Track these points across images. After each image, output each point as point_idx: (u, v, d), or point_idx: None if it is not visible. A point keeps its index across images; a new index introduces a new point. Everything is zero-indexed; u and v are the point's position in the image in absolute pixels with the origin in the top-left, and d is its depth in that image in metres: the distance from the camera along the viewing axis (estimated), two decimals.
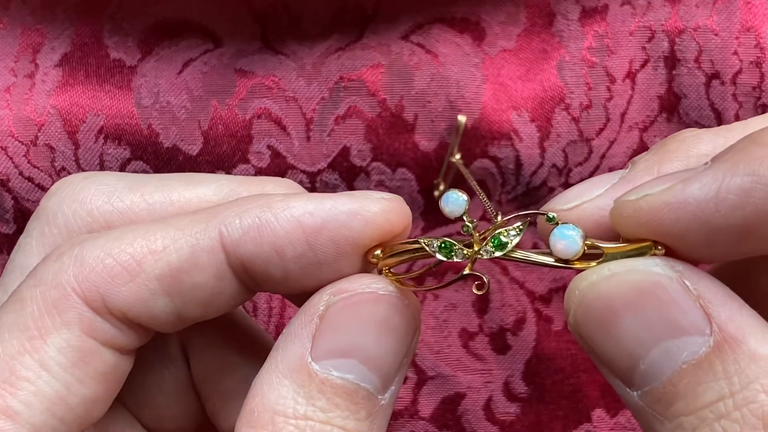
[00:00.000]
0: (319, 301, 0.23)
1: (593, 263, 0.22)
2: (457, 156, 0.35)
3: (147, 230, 0.24)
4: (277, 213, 0.23)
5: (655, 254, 0.22)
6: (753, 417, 0.20)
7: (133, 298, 0.23)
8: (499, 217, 0.24)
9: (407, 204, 0.25)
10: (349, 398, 0.22)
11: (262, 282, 0.24)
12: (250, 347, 0.28)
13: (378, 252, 0.24)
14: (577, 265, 0.23)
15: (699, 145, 0.24)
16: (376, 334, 0.23)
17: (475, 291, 0.24)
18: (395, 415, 0.38)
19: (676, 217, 0.21)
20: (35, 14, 0.37)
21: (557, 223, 0.23)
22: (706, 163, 0.22)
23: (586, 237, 0.23)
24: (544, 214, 0.23)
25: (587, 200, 0.24)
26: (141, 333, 0.24)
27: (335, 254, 0.24)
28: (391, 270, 0.25)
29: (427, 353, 0.38)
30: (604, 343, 0.22)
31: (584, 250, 0.23)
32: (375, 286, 0.23)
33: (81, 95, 0.37)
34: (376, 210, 0.24)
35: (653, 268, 0.21)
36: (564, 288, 0.38)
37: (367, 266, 0.24)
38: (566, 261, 0.23)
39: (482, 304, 0.38)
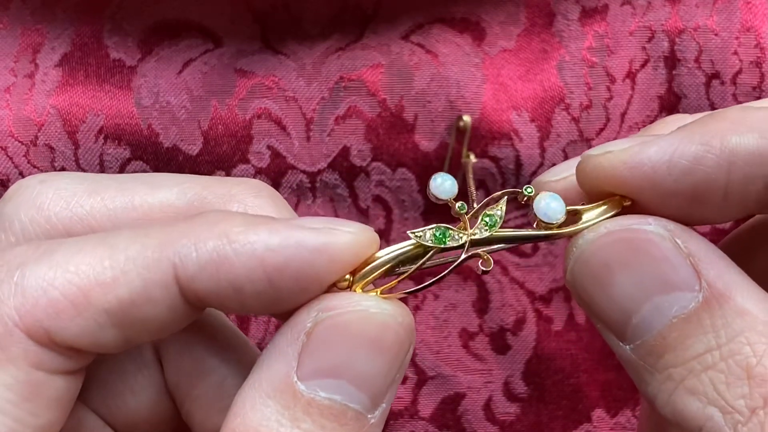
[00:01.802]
0: (307, 317, 0.22)
1: (579, 225, 0.23)
2: (472, 157, 0.35)
3: (94, 254, 0.22)
4: (236, 248, 0.22)
5: (623, 208, 0.23)
6: (738, 368, 0.21)
7: (80, 331, 0.22)
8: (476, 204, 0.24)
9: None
10: (336, 420, 0.22)
11: (215, 307, 0.23)
12: (225, 349, 0.27)
13: (348, 277, 0.23)
14: (565, 230, 0.24)
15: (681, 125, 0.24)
16: (366, 354, 0.22)
17: (482, 268, 0.24)
18: (395, 416, 0.38)
19: (631, 176, 0.22)
20: (35, 14, 0.37)
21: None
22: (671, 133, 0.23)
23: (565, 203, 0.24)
24: (520, 192, 0.24)
25: (574, 173, 0.25)
26: (85, 357, 0.23)
27: (297, 290, 0.22)
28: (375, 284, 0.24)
29: (427, 353, 0.38)
30: (599, 298, 0.22)
31: (565, 216, 0.24)
32: (366, 303, 0.22)
33: (81, 95, 0.37)
34: (342, 246, 0.22)
35: (646, 226, 0.22)
36: (564, 288, 0.38)
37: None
38: (550, 228, 0.24)
39: (482, 305, 0.38)
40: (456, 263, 0.24)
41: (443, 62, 0.37)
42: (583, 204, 0.24)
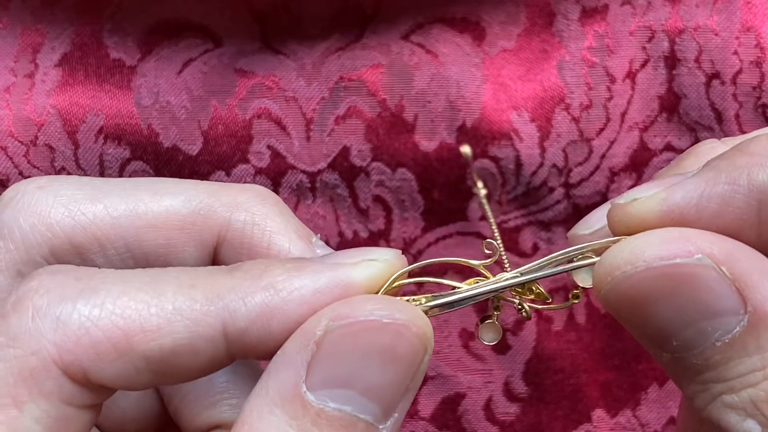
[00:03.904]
0: (317, 325, 0.22)
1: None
2: (480, 185, 0.34)
3: (140, 299, 0.22)
4: (285, 297, 0.22)
5: None
6: None
7: (117, 374, 0.22)
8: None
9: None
10: (347, 429, 0.21)
11: (251, 357, 0.23)
12: None
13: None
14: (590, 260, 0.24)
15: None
16: (378, 364, 0.21)
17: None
18: None
19: (661, 223, 0.22)
20: (35, 14, 0.37)
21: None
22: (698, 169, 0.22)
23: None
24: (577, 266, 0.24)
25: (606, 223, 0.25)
26: (112, 392, 0.23)
27: None
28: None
29: None
30: (637, 323, 0.22)
31: None
32: (379, 313, 0.22)
33: (81, 95, 0.37)
34: (381, 275, 0.23)
35: (689, 259, 0.21)
36: (564, 288, 0.38)
37: None
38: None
39: (482, 305, 0.38)
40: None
41: (443, 62, 0.36)
42: None
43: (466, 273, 0.26)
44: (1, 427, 0.21)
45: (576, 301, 0.25)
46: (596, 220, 0.25)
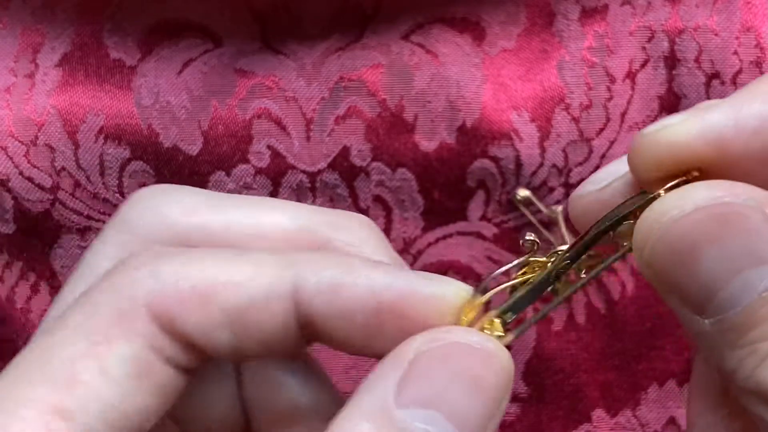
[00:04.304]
0: (411, 347, 0.23)
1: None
2: (558, 210, 0.34)
3: (225, 260, 0.24)
4: (355, 279, 0.23)
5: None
6: None
7: (199, 325, 0.23)
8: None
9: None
10: None
11: (321, 339, 0.24)
12: (302, 372, 0.28)
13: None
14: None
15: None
16: (465, 390, 0.22)
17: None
18: None
19: (698, 143, 0.21)
20: (35, 14, 0.37)
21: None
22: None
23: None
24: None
25: (619, 177, 0.24)
26: (198, 356, 0.24)
27: (399, 332, 0.23)
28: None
29: None
30: (682, 275, 0.21)
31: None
32: (471, 338, 0.23)
33: (81, 95, 0.37)
34: (453, 300, 0.23)
35: (736, 199, 0.21)
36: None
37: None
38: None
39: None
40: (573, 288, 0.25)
41: (443, 62, 0.37)
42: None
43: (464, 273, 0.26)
44: (90, 361, 0.23)
45: (628, 252, 0.24)
46: (603, 176, 0.24)
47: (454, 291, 0.23)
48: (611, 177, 0.24)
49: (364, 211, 0.37)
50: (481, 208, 0.37)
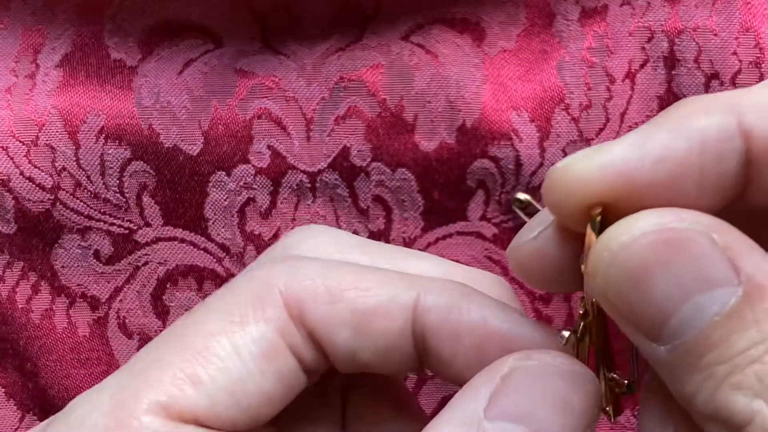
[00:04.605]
0: (505, 362, 0.23)
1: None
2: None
3: (358, 270, 0.26)
4: (470, 306, 0.25)
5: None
6: None
7: (326, 320, 0.25)
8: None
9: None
10: None
11: (429, 358, 0.25)
12: (399, 402, 0.29)
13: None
14: None
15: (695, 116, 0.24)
16: (551, 408, 0.23)
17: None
18: None
19: (604, 174, 0.22)
20: (36, 15, 0.37)
21: None
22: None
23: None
24: None
25: (549, 223, 0.25)
26: (318, 357, 0.25)
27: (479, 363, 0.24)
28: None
29: None
30: (635, 301, 0.21)
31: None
32: (563, 361, 0.23)
33: (82, 95, 0.37)
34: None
35: (683, 224, 0.21)
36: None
37: None
38: None
39: None
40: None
41: (443, 62, 0.37)
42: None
43: None
44: (225, 337, 0.24)
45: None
46: (536, 223, 0.25)
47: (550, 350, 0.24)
48: (542, 224, 0.24)
49: (364, 211, 0.37)
50: (481, 208, 0.37)
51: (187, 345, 0.24)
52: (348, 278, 0.25)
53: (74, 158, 0.36)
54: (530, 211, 0.25)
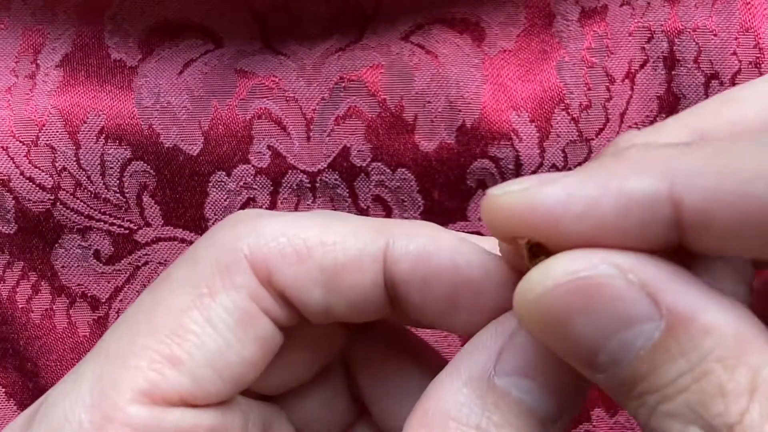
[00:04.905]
0: (513, 318, 0.23)
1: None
2: None
3: (323, 222, 0.25)
4: (440, 251, 0.24)
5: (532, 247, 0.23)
6: (711, 387, 0.20)
7: (295, 280, 0.24)
8: None
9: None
10: (524, 418, 0.22)
11: (402, 306, 0.25)
12: (413, 352, 0.29)
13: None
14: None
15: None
16: (557, 363, 0.22)
17: None
18: None
19: (529, 216, 0.22)
20: (36, 15, 0.37)
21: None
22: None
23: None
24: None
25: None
26: (292, 315, 0.25)
27: (478, 310, 0.24)
28: None
29: None
30: (561, 343, 0.22)
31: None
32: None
33: (82, 96, 0.37)
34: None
35: (594, 271, 0.21)
36: None
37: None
38: None
39: None
40: None
41: (443, 62, 0.37)
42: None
43: None
44: (196, 312, 0.24)
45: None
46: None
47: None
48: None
49: (364, 211, 0.37)
50: None
51: (160, 324, 0.24)
52: (313, 233, 0.25)
53: (74, 158, 0.36)
54: None
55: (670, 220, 0.20)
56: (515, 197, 0.22)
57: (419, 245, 0.25)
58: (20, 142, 0.36)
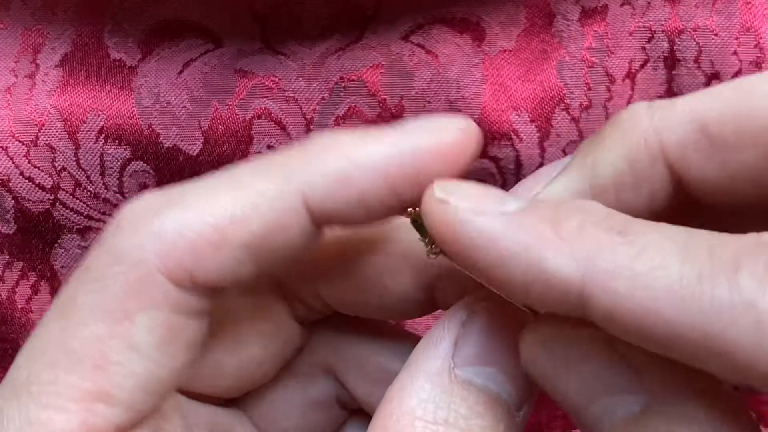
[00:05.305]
0: (463, 309, 0.23)
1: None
2: None
3: (224, 194, 0.23)
4: (357, 164, 0.23)
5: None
6: None
7: (220, 269, 0.23)
8: None
9: None
10: (490, 408, 0.22)
11: (345, 225, 0.24)
12: (401, 347, 0.28)
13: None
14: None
15: (636, 129, 0.23)
16: (514, 345, 0.22)
17: None
18: None
19: (454, 237, 0.21)
20: (36, 14, 0.37)
21: None
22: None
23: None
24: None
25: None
26: (222, 292, 0.24)
27: (417, 192, 0.23)
28: None
29: None
30: (550, 391, 0.22)
31: None
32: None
33: (81, 95, 0.37)
34: (454, 141, 0.23)
35: (581, 339, 0.21)
36: None
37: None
38: None
39: None
40: None
41: (443, 62, 0.37)
42: None
43: None
44: (116, 340, 0.22)
45: None
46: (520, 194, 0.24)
47: (453, 135, 0.23)
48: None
49: None
50: None
51: (80, 357, 0.22)
52: (219, 211, 0.22)
53: (74, 158, 0.36)
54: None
55: (575, 305, 0.20)
56: (449, 214, 0.21)
57: (334, 173, 0.23)
58: (20, 141, 0.36)
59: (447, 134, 0.23)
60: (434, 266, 0.25)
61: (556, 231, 0.20)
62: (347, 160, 0.23)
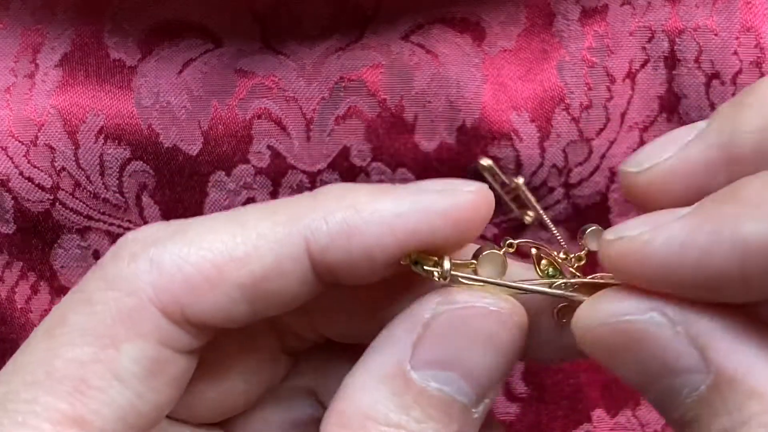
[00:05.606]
0: (426, 308, 0.23)
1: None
2: (520, 180, 0.34)
3: (226, 232, 0.23)
4: (365, 217, 0.22)
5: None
6: None
7: (214, 306, 0.22)
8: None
9: None
10: (444, 411, 0.22)
11: (347, 282, 0.23)
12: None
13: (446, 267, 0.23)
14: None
15: None
16: (481, 350, 0.22)
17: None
18: None
19: (642, 269, 0.21)
20: (35, 14, 0.37)
21: None
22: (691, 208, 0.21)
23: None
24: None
25: (657, 162, 0.23)
26: (213, 333, 0.24)
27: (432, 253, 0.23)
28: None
29: None
30: (613, 370, 0.22)
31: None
32: (486, 301, 0.23)
33: (81, 95, 0.37)
34: (467, 206, 0.23)
35: (641, 316, 0.21)
36: None
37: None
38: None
39: None
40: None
41: (443, 62, 0.37)
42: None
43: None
44: (100, 366, 0.22)
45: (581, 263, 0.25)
46: (645, 157, 0.24)
47: (466, 199, 0.23)
48: (649, 161, 0.24)
49: None
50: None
51: (61, 378, 0.21)
52: (219, 248, 0.22)
53: (74, 158, 0.36)
54: (494, 174, 0.24)
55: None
56: (629, 247, 0.21)
57: (341, 223, 0.22)
58: (19, 141, 0.36)
59: (460, 198, 0.23)
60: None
61: (736, 201, 0.20)
62: (355, 211, 0.22)
